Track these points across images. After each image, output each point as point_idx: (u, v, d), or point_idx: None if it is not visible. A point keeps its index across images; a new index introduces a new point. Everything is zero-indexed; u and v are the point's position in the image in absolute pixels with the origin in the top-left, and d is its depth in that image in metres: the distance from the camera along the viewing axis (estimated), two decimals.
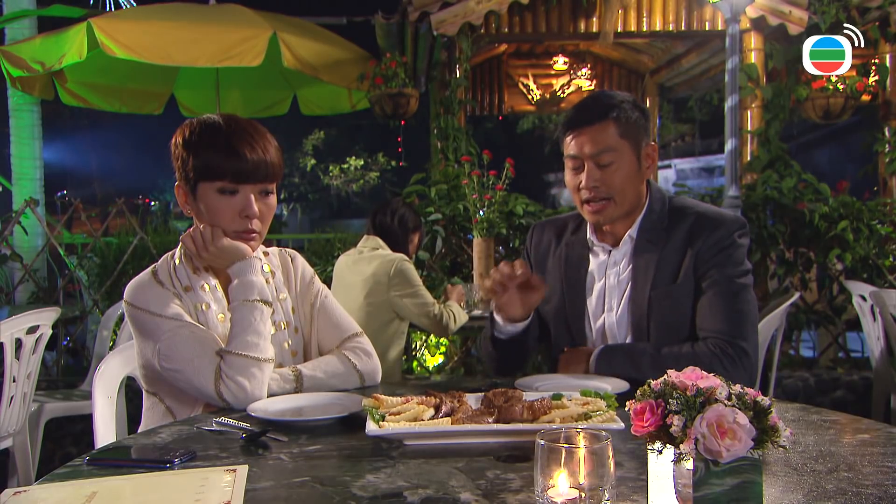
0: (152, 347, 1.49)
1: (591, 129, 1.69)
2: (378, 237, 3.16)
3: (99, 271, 4.69)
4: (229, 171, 1.50)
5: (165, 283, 1.55)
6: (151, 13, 5.11)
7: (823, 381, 4.16)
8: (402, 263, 3.02)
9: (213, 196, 1.52)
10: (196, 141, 1.53)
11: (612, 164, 1.68)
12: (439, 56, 5.07)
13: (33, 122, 5.83)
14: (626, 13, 5.26)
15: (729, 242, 1.68)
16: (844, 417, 1.35)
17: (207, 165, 1.51)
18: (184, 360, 1.46)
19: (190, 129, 1.55)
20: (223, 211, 1.52)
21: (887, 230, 4.39)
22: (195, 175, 1.52)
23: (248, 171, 1.51)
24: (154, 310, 1.50)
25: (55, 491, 1.01)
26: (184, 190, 1.56)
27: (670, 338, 1.67)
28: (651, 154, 1.74)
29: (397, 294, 3.00)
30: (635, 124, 1.70)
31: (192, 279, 1.58)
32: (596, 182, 1.69)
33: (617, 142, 1.68)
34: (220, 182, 1.51)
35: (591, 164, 1.69)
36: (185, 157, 1.53)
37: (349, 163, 20.25)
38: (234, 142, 1.51)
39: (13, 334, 2.74)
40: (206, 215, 1.54)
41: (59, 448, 3.84)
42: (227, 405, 1.46)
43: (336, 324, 1.71)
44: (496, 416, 1.22)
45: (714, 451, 0.79)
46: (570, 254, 1.84)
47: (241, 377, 1.45)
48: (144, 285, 1.54)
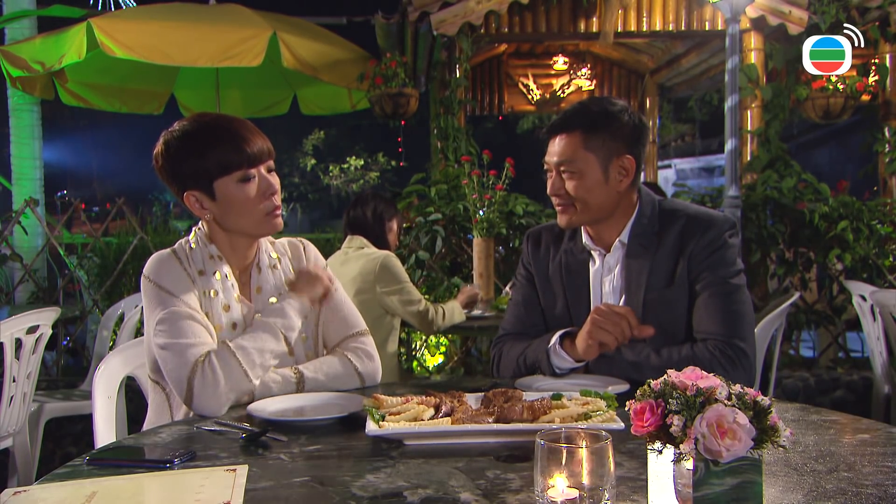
0: (153, 322, 1.50)
1: (561, 137, 1.72)
2: (359, 235, 3.18)
3: (99, 271, 4.70)
4: (244, 159, 1.53)
5: (183, 262, 1.58)
6: (151, 13, 5.11)
7: (823, 381, 4.16)
8: (387, 260, 3.05)
9: (234, 187, 1.54)
10: (193, 145, 1.54)
11: (574, 175, 1.70)
12: (439, 56, 5.07)
13: (33, 122, 5.82)
14: (626, 13, 5.26)
15: (721, 243, 1.68)
16: (844, 417, 1.36)
17: (221, 161, 1.52)
18: (172, 339, 1.47)
19: (178, 138, 1.55)
20: (249, 198, 1.55)
21: (887, 230, 4.39)
22: (210, 175, 1.53)
23: (256, 153, 1.55)
24: (166, 286, 1.53)
25: (55, 491, 1.01)
26: (197, 196, 1.56)
27: (666, 341, 1.67)
28: (627, 167, 1.71)
29: (383, 290, 3.03)
30: (611, 137, 1.69)
31: (206, 264, 1.59)
32: (558, 190, 1.74)
33: (581, 154, 1.69)
34: (237, 172, 1.53)
35: (556, 172, 1.74)
36: (190, 164, 1.54)
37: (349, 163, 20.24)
38: (235, 130, 1.54)
39: (13, 334, 2.74)
40: (233, 209, 1.55)
41: (59, 448, 3.84)
42: (187, 395, 1.43)
43: (343, 318, 1.72)
44: (496, 416, 1.22)
45: (714, 451, 0.79)
46: (569, 261, 1.84)
47: (222, 372, 1.44)
48: (163, 261, 1.57)
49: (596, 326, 1.61)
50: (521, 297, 1.91)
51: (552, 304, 1.84)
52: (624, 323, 1.60)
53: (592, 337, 1.61)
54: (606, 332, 1.60)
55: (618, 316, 1.60)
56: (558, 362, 1.69)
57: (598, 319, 1.61)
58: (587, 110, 1.72)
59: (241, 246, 1.63)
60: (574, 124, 1.70)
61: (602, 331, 1.60)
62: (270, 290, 1.65)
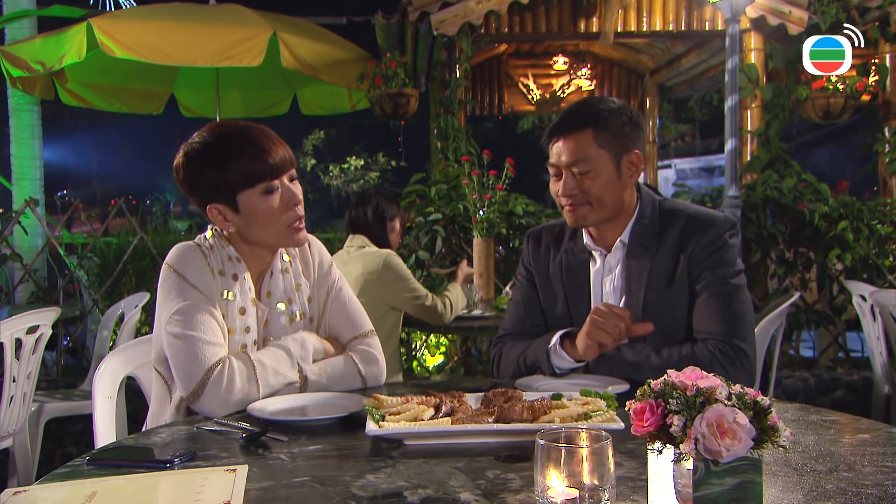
0: (169, 311, 1.49)
1: (569, 137, 1.70)
2: (361, 234, 3.19)
3: (99, 271, 4.70)
4: (267, 171, 1.51)
5: (208, 257, 1.56)
6: (151, 13, 5.11)
7: (823, 381, 4.16)
8: (389, 258, 3.06)
9: (258, 200, 1.52)
10: (215, 157, 1.51)
11: (589, 173, 1.69)
12: (439, 56, 5.07)
13: (33, 122, 5.83)
14: (626, 13, 5.26)
15: (721, 244, 1.68)
16: (844, 417, 1.36)
17: (244, 173, 1.50)
18: (188, 330, 1.45)
19: (198, 150, 1.53)
20: (273, 210, 1.53)
21: (887, 230, 4.39)
22: (233, 188, 1.51)
23: (279, 164, 1.53)
24: (189, 277, 1.51)
25: (55, 491, 1.01)
26: (220, 208, 1.54)
27: (666, 341, 1.67)
28: (635, 162, 1.73)
29: (389, 288, 3.04)
30: (617, 133, 1.69)
31: (225, 265, 1.57)
32: (572, 190, 1.70)
33: (594, 151, 1.68)
34: (261, 185, 1.51)
35: (567, 173, 1.71)
36: (212, 176, 1.51)
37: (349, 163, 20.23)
38: (257, 141, 1.52)
39: (13, 334, 2.74)
40: (257, 221, 1.54)
41: (59, 448, 3.84)
42: (195, 391, 1.42)
43: (350, 317, 1.71)
44: (496, 416, 1.22)
45: (714, 451, 0.79)
46: (570, 261, 1.83)
47: (240, 380, 1.44)
48: (189, 252, 1.55)
49: (595, 327, 1.60)
50: (522, 297, 1.91)
51: (552, 304, 1.84)
52: (622, 324, 1.60)
53: (592, 337, 1.61)
54: (606, 332, 1.60)
55: (617, 317, 1.60)
56: (558, 362, 1.69)
57: (597, 320, 1.61)
58: (594, 108, 1.71)
59: (260, 253, 1.62)
60: (583, 122, 1.69)
61: (601, 331, 1.60)
62: (279, 294, 1.64)
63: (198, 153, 1.53)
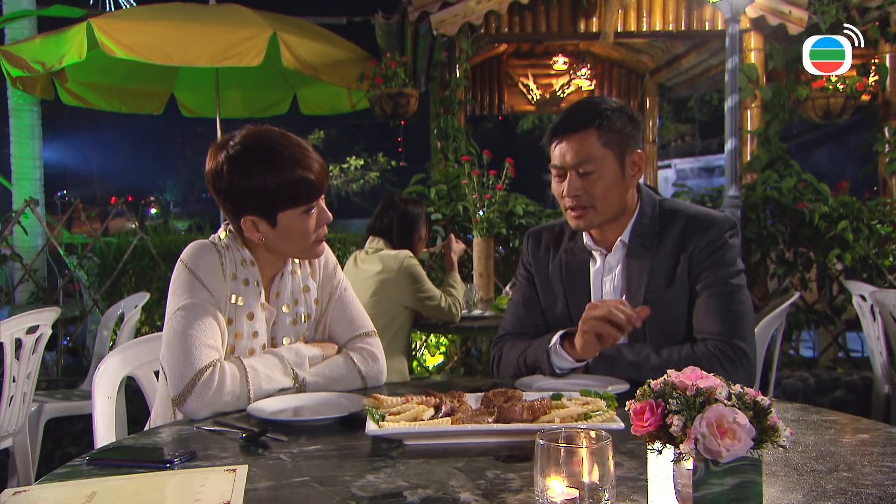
0: (175, 306, 1.48)
1: (572, 137, 1.68)
2: (380, 238, 3.21)
3: (99, 271, 4.69)
4: (312, 193, 1.52)
5: (223, 255, 1.56)
6: (151, 13, 5.11)
7: (823, 381, 4.16)
8: (407, 260, 3.10)
9: (297, 219, 1.53)
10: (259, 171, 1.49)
11: (594, 173, 1.67)
12: (439, 56, 5.07)
13: (33, 122, 5.83)
14: (626, 13, 5.26)
15: (721, 244, 1.68)
16: (844, 417, 1.35)
17: (292, 195, 1.50)
18: (188, 328, 1.45)
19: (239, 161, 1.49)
20: (308, 229, 1.55)
21: (887, 230, 4.39)
22: (276, 206, 1.51)
23: (321, 186, 1.54)
24: (201, 276, 1.51)
25: (55, 491, 1.01)
26: (255, 220, 1.53)
27: (666, 341, 1.67)
28: (637, 162, 1.72)
29: (405, 290, 3.08)
30: (620, 132, 1.68)
31: (238, 269, 1.57)
32: (577, 191, 1.69)
33: (599, 151, 1.67)
34: (303, 206, 1.52)
35: (572, 174, 1.69)
36: (255, 190, 1.49)
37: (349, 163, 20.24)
38: (308, 162, 1.51)
39: (13, 334, 2.74)
40: (290, 237, 1.55)
41: (59, 448, 3.84)
42: (183, 392, 1.40)
43: (350, 318, 1.71)
44: (496, 416, 1.22)
45: (714, 450, 0.79)
46: (570, 261, 1.83)
47: (230, 385, 1.44)
48: (205, 251, 1.55)
49: (589, 320, 1.59)
50: (521, 297, 1.91)
51: (552, 304, 1.84)
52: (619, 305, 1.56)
53: (587, 332, 1.59)
54: (600, 319, 1.55)
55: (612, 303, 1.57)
56: (559, 362, 1.69)
57: (591, 314, 1.60)
58: (596, 107, 1.70)
59: (275, 259, 1.62)
60: (586, 122, 1.68)
61: (596, 321, 1.56)
62: (287, 296, 1.64)
63: (239, 164, 1.50)
